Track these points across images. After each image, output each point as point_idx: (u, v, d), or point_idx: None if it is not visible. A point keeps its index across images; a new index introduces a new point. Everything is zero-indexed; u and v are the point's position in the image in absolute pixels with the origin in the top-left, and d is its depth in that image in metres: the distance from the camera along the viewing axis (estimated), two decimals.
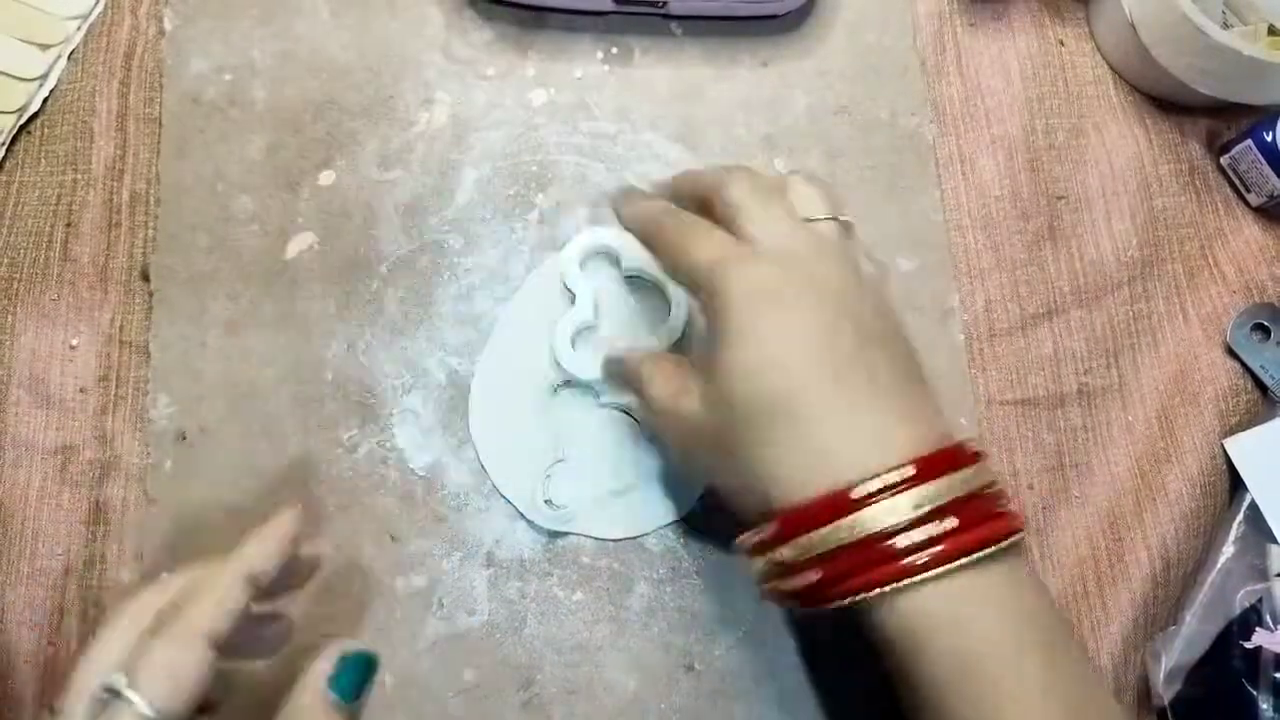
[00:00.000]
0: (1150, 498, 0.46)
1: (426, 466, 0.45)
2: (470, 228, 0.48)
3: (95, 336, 0.45)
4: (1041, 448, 0.47)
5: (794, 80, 0.50)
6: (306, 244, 0.47)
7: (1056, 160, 0.50)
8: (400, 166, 0.48)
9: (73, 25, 0.48)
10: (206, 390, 0.45)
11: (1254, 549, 0.45)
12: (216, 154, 0.47)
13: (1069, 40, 0.52)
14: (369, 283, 0.47)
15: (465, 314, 0.47)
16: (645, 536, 0.44)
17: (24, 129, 0.47)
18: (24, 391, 0.44)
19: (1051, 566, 0.46)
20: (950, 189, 0.50)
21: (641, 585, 0.44)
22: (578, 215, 0.48)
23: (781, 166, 0.49)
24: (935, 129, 0.50)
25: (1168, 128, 0.51)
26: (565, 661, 0.43)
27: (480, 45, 0.50)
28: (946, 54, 0.51)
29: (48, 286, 0.46)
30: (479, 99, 0.49)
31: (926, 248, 0.49)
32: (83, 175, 0.47)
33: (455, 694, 0.42)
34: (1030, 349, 0.48)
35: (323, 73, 0.49)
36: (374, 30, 0.50)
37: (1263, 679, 0.43)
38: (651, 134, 0.49)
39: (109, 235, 0.46)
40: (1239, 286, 0.49)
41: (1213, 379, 0.48)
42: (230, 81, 0.48)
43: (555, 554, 0.44)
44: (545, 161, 0.49)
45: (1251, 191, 0.50)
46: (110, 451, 0.44)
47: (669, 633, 0.44)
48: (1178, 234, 0.50)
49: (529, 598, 0.44)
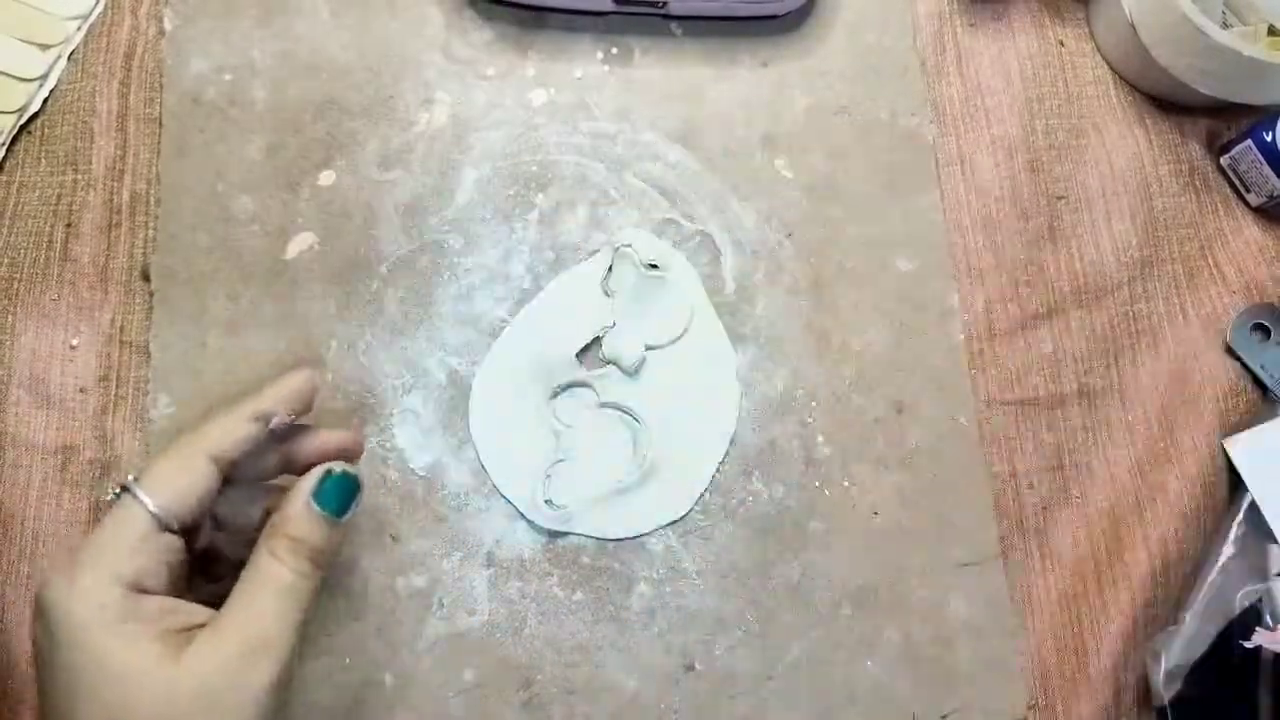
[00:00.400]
0: (1150, 498, 0.46)
1: (427, 466, 0.45)
2: (470, 228, 0.48)
3: (95, 336, 0.45)
4: (1041, 448, 0.47)
5: (794, 80, 0.50)
6: (306, 244, 0.47)
7: (1056, 160, 0.50)
8: (400, 166, 0.48)
9: (73, 25, 0.48)
10: (207, 390, 0.45)
11: (1254, 549, 0.45)
12: (217, 154, 0.47)
13: (1069, 40, 0.52)
14: (369, 283, 0.47)
15: (465, 314, 0.47)
16: (645, 536, 0.44)
17: (24, 129, 0.47)
18: (24, 392, 0.44)
19: (1052, 566, 0.46)
20: (950, 189, 0.50)
21: (641, 585, 0.44)
22: (578, 215, 0.48)
23: (782, 166, 0.49)
24: (935, 129, 0.50)
25: (1168, 128, 0.51)
26: (565, 661, 0.43)
27: (480, 45, 0.50)
28: (946, 54, 0.51)
29: (48, 286, 0.46)
30: (479, 99, 0.49)
31: (926, 248, 0.49)
32: (83, 175, 0.47)
33: (455, 694, 0.42)
34: (1030, 349, 0.48)
35: (323, 73, 0.49)
36: (374, 30, 0.50)
37: (1262, 678, 0.43)
38: (651, 134, 0.49)
39: (109, 235, 0.46)
40: (1239, 286, 0.49)
41: (1213, 379, 0.48)
42: (230, 82, 0.48)
43: (555, 554, 0.44)
44: (545, 161, 0.49)
45: (1251, 192, 0.50)
46: (110, 451, 0.44)
47: (669, 633, 0.44)
48: (1178, 234, 0.50)
49: (529, 598, 0.44)
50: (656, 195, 0.48)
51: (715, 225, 0.48)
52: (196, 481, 0.33)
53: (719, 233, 0.48)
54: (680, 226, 0.48)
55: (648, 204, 0.48)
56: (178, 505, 0.32)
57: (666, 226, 0.48)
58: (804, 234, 0.49)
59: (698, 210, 0.48)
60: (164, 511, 0.32)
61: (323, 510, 0.33)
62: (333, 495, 0.34)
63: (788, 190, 0.49)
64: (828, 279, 0.48)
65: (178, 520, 0.32)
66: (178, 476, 0.32)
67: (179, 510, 0.32)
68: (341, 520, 0.34)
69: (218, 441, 0.33)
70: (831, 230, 0.49)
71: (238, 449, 0.34)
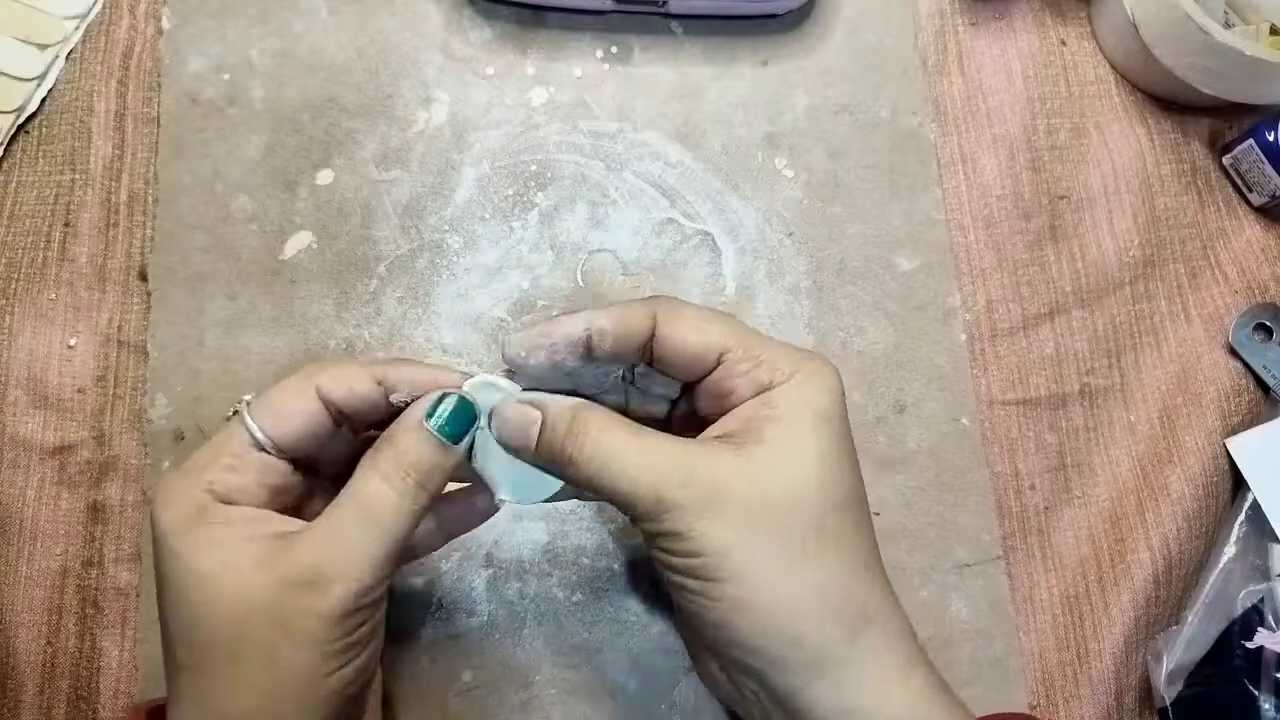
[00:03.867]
0: (1152, 498, 0.46)
1: None
2: (469, 227, 0.47)
3: (93, 336, 0.45)
4: (1043, 448, 0.47)
5: (795, 79, 0.50)
6: (304, 244, 0.47)
7: (1058, 160, 0.50)
8: (399, 166, 0.48)
9: (71, 25, 0.48)
10: (205, 390, 0.45)
11: (1256, 549, 0.45)
12: (214, 153, 0.47)
13: (1071, 40, 0.52)
14: (367, 282, 0.46)
15: (464, 314, 0.46)
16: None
17: (22, 129, 0.47)
18: (22, 392, 0.44)
19: (1053, 566, 0.46)
20: (952, 188, 0.50)
21: (641, 585, 0.44)
22: (577, 214, 0.48)
23: (782, 165, 0.49)
24: (937, 128, 0.50)
25: (1169, 127, 0.51)
26: (565, 662, 0.43)
27: (479, 44, 0.50)
28: (948, 53, 0.51)
29: (46, 286, 0.45)
30: (478, 98, 0.49)
31: (928, 247, 0.49)
32: (81, 175, 0.47)
33: (455, 694, 0.42)
34: (1032, 349, 0.48)
35: (321, 72, 0.49)
36: (372, 29, 0.49)
37: (1264, 679, 0.43)
38: (651, 133, 0.49)
39: (107, 235, 0.46)
40: (1241, 286, 0.49)
41: (1215, 379, 0.48)
42: (228, 81, 0.48)
43: (555, 554, 0.44)
44: (545, 161, 0.48)
45: (1253, 191, 0.50)
46: (108, 451, 0.44)
47: (669, 633, 0.43)
48: (1180, 234, 0.50)
49: (528, 598, 0.43)
50: (656, 194, 0.48)
51: (715, 225, 0.48)
52: (300, 412, 0.32)
53: (719, 232, 0.48)
54: (680, 226, 0.48)
55: (647, 203, 0.48)
56: (276, 430, 0.32)
57: (666, 226, 0.48)
58: (804, 233, 0.48)
59: (698, 210, 0.48)
60: (261, 433, 0.32)
61: (436, 431, 0.32)
62: (447, 417, 0.32)
63: (788, 189, 0.49)
64: (828, 278, 0.48)
65: (275, 444, 0.32)
66: (285, 403, 0.32)
67: (277, 435, 0.32)
68: (453, 445, 0.32)
69: (333, 383, 0.33)
70: (832, 229, 0.49)
71: (351, 399, 0.33)
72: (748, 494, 0.31)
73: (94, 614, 0.42)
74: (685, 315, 0.34)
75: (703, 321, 0.34)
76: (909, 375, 0.47)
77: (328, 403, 0.33)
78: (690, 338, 0.34)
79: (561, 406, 0.33)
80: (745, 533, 0.31)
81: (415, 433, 0.32)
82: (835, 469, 0.32)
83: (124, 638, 0.42)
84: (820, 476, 0.32)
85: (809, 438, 0.32)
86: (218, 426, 0.44)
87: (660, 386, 0.38)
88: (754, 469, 0.31)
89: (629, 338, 0.34)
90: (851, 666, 0.31)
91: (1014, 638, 0.45)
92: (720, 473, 0.31)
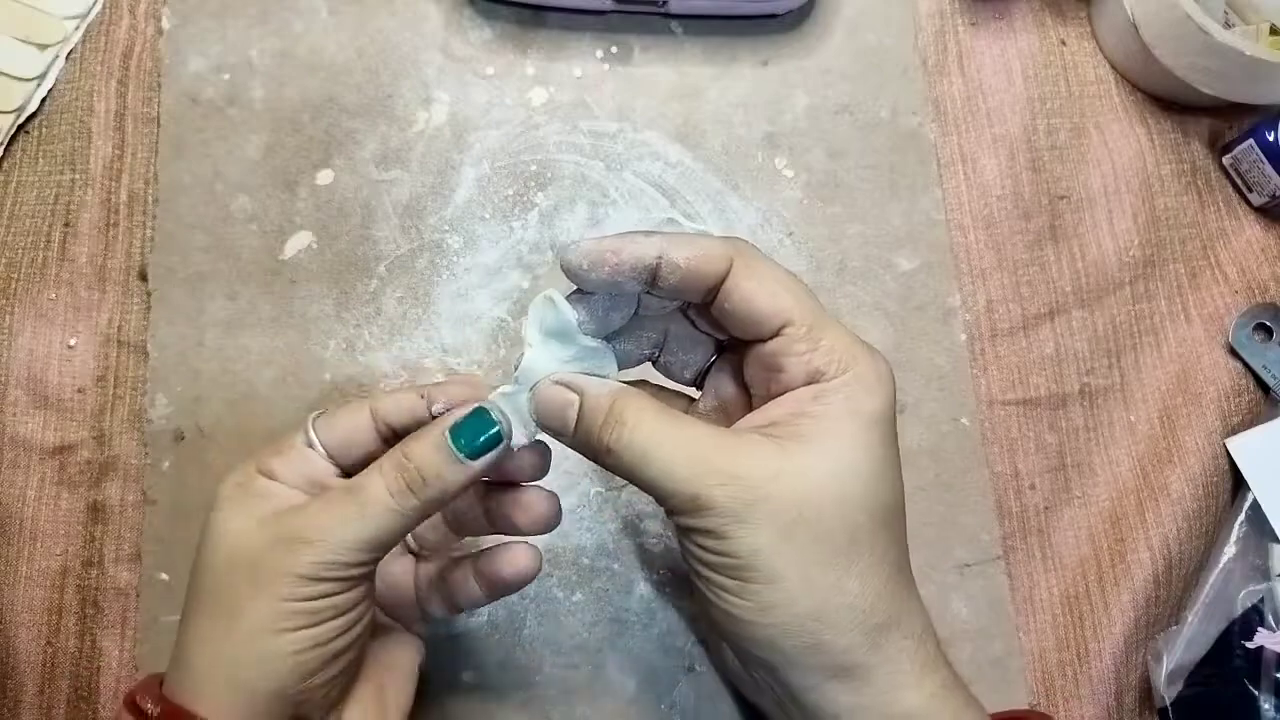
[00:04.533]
0: (1152, 498, 0.46)
1: None
2: (469, 227, 0.47)
3: (93, 336, 0.45)
4: (1043, 448, 0.47)
5: (795, 79, 0.50)
6: (304, 244, 0.47)
7: (1058, 160, 0.50)
8: (399, 166, 0.48)
9: (71, 25, 0.48)
10: (204, 390, 0.45)
11: (1256, 549, 0.45)
12: (214, 153, 0.47)
13: (1071, 40, 0.52)
14: (367, 282, 0.46)
15: (464, 314, 0.46)
16: (645, 537, 0.44)
17: (22, 129, 0.47)
18: (22, 392, 0.44)
19: (1053, 566, 0.46)
20: (952, 188, 0.50)
21: (641, 585, 0.44)
22: (577, 214, 0.48)
23: (782, 165, 0.49)
24: (937, 128, 0.50)
25: (1169, 127, 0.51)
26: (565, 662, 0.43)
27: (479, 44, 0.50)
28: (948, 53, 0.51)
29: (46, 286, 0.45)
30: (478, 98, 0.49)
31: (928, 247, 0.49)
32: (81, 175, 0.47)
33: (455, 694, 0.42)
34: (1032, 349, 0.48)
35: (321, 72, 0.49)
36: (372, 29, 0.49)
37: (1264, 679, 0.42)
38: (651, 133, 0.49)
39: (107, 235, 0.46)
40: (1241, 286, 0.49)
41: (1215, 379, 0.48)
42: (228, 81, 0.48)
43: (555, 555, 0.44)
44: (545, 161, 0.48)
45: (1253, 191, 0.50)
46: (108, 451, 0.44)
47: (669, 633, 0.43)
48: (1180, 234, 0.50)
49: (529, 598, 0.43)
50: (656, 194, 0.48)
51: (715, 224, 0.48)
52: (351, 424, 0.35)
53: (719, 232, 0.48)
54: (680, 226, 0.48)
55: (647, 203, 0.48)
56: (326, 434, 0.34)
57: (666, 226, 0.48)
58: (804, 233, 0.48)
59: (698, 209, 0.48)
60: (313, 433, 0.34)
61: (451, 442, 0.32)
62: (464, 430, 0.32)
63: (788, 189, 0.49)
64: (828, 278, 0.48)
65: (324, 446, 0.34)
66: (340, 415, 0.35)
67: (326, 438, 0.34)
68: (467, 461, 0.32)
69: (385, 403, 0.35)
70: (832, 229, 0.49)
71: (398, 413, 0.34)
72: (787, 499, 0.30)
73: (94, 614, 0.42)
74: (762, 272, 0.33)
75: (777, 285, 0.32)
76: (909, 375, 0.47)
77: (377, 419, 0.35)
78: (761, 300, 0.32)
79: (600, 392, 0.33)
80: (781, 540, 0.30)
81: (423, 440, 0.33)
82: (876, 480, 0.32)
83: (124, 638, 0.42)
84: (862, 487, 0.31)
85: (854, 445, 0.31)
86: (218, 426, 0.44)
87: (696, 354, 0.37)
88: (795, 471, 0.31)
89: (700, 277, 0.32)
90: (869, 671, 0.31)
91: (1014, 638, 0.45)
92: (761, 473, 0.30)
